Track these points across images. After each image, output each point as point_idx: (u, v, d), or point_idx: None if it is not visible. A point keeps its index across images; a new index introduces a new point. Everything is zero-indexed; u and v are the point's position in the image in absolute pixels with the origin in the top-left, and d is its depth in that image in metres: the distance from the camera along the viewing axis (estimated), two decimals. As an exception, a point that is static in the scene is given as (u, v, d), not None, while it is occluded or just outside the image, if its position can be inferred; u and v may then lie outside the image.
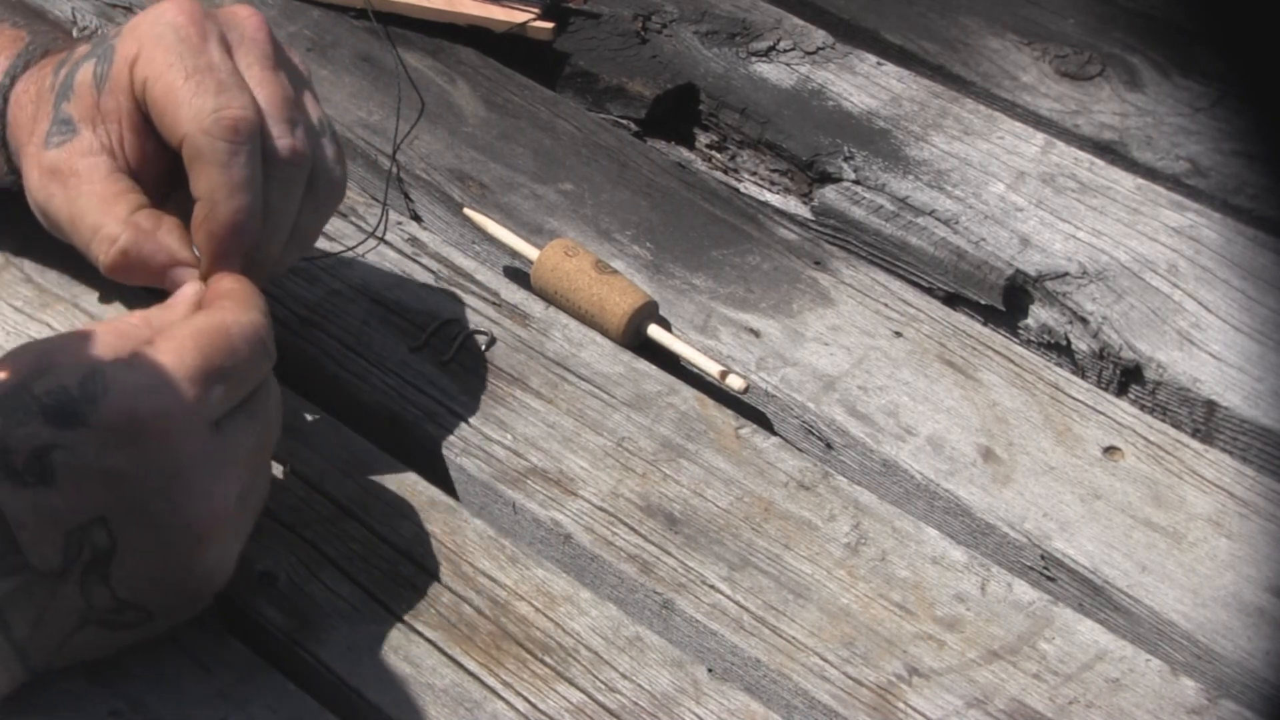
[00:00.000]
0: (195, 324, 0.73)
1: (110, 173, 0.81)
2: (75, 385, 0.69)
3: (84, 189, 0.80)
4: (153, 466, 0.69)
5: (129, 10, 1.15)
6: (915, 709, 0.77)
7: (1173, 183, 1.08)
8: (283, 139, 0.79)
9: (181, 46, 0.78)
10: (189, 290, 0.78)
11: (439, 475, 0.87)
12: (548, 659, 0.77)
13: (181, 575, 0.72)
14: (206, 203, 0.77)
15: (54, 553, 0.69)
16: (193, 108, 0.77)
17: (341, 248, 0.96)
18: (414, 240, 0.99)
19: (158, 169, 0.82)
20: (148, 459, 0.69)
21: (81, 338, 0.72)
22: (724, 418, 0.90)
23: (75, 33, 1.04)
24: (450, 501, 0.84)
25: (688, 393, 0.91)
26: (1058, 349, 0.99)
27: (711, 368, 0.91)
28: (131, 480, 0.69)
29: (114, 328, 0.73)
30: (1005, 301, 1.00)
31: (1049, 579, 0.85)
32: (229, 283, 0.77)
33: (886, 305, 0.97)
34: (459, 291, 0.96)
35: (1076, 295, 0.98)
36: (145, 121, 0.80)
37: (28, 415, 0.68)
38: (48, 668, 0.72)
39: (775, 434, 0.91)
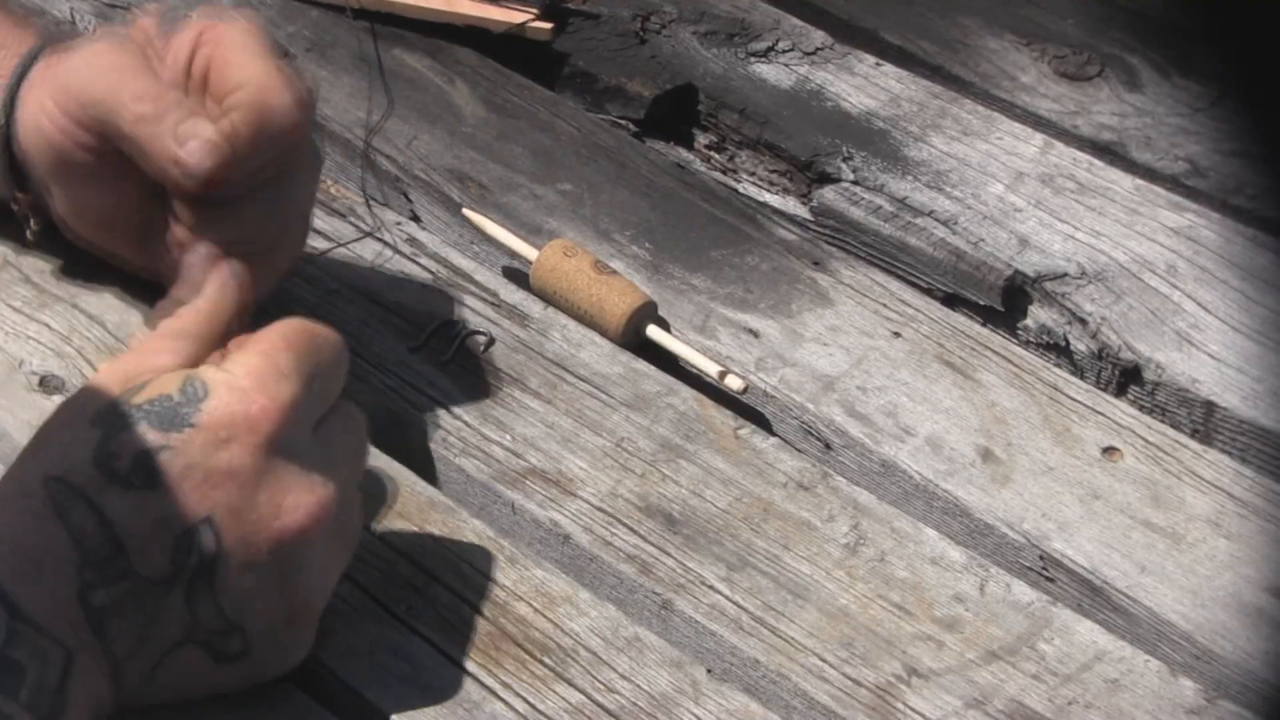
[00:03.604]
0: (278, 328, 0.74)
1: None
2: (176, 392, 0.70)
3: (153, 76, 0.82)
4: (258, 462, 0.70)
5: (128, 9, 1.15)
6: (914, 709, 0.77)
7: (1171, 183, 1.08)
8: None
9: (267, 54, 0.83)
10: (219, 277, 0.78)
11: (438, 476, 0.87)
12: (547, 659, 0.77)
13: (283, 587, 0.71)
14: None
15: (162, 558, 0.68)
16: (296, 92, 0.82)
17: (337, 244, 0.97)
18: (413, 240, 0.99)
19: None
20: (254, 455, 0.69)
21: (147, 348, 0.73)
22: (723, 418, 0.90)
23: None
24: (449, 502, 0.84)
25: (686, 393, 0.91)
26: (1056, 349, 0.99)
27: (710, 368, 0.91)
28: (237, 477, 0.69)
29: (162, 345, 0.74)
30: (1004, 302, 1.00)
31: (1048, 579, 0.85)
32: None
33: (885, 306, 0.97)
34: (459, 291, 0.96)
35: (1075, 296, 0.98)
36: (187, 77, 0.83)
37: (130, 423, 0.69)
38: (137, 698, 0.71)
39: (774, 434, 0.91)
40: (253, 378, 0.71)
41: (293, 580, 0.71)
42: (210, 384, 0.70)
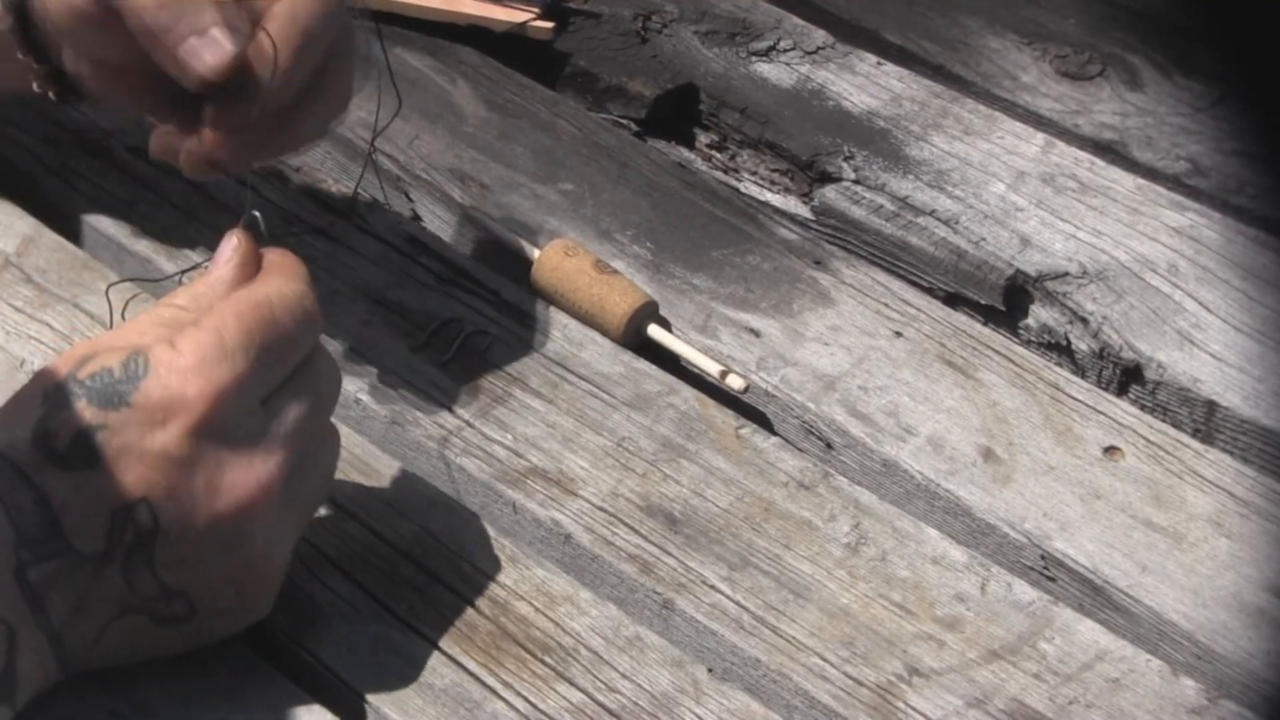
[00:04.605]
0: (236, 300, 0.73)
1: None
2: (118, 367, 0.70)
3: None
4: (193, 445, 0.69)
5: None
6: (915, 709, 0.77)
7: (1173, 183, 1.08)
8: None
9: None
10: (227, 250, 0.75)
11: (439, 475, 0.87)
12: (548, 659, 0.77)
13: (226, 558, 0.71)
14: None
15: (98, 535, 0.69)
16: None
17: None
18: (414, 240, 0.99)
19: None
20: (188, 438, 0.69)
21: (130, 327, 0.73)
22: (724, 418, 0.90)
23: None
24: (450, 501, 0.84)
25: (688, 393, 0.91)
26: (1058, 349, 0.99)
27: (711, 367, 0.91)
28: (172, 459, 0.69)
29: (160, 315, 0.73)
30: (1005, 301, 1.00)
31: (1049, 579, 0.85)
32: (274, 255, 0.76)
33: (887, 305, 0.97)
34: (459, 291, 0.96)
35: (1077, 295, 0.98)
36: None
37: (70, 400, 0.69)
38: (84, 664, 0.71)
39: (775, 434, 0.91)
40: (196, 356, 0.70)
41: (237, 552, 0.71)
42: (152, 361, 0.70)
